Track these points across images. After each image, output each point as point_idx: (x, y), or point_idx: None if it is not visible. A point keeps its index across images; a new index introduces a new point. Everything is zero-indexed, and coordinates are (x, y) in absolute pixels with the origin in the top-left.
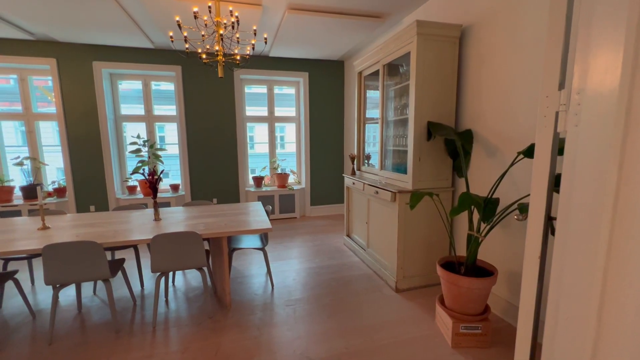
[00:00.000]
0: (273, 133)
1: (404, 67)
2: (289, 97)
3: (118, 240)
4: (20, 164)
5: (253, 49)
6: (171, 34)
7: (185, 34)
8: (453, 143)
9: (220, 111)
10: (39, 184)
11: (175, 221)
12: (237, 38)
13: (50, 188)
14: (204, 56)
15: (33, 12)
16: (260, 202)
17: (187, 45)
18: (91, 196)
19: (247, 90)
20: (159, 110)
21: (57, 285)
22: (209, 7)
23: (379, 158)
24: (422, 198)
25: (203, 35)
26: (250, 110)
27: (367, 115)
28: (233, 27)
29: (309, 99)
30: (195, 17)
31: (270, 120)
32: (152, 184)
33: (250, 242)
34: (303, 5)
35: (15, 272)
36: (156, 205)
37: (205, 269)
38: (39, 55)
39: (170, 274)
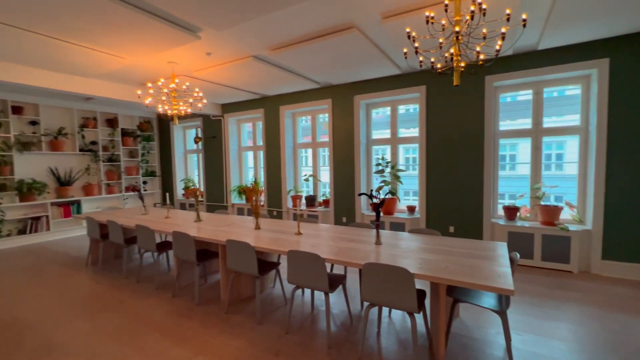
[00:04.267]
0: (539, 150)
1: None
2: (568, 100)
3: (335, 258)
4: (307, 180)
5: (503, 39)
6: (405, 50)
7: (416, 44)
8: None
9: (466, 127)
10: (314, 195)
11: (394, 249)
12: (483, 33)
13: (321, 199)
14: (438, 65)
15: (321, 70)
16: (505, 245)
17: (421, 59)
18: (344, 209)
19: (502, 100)
20: (403, 132)
21: (295, 285)
22: (446, 6)
23: None
24: None
25: (441, 43)
26: (507, 125)
27: None
28: (472, 18)
29: (610, 98)
30: (427, 21)
31: (536, 133)
32: (375, 205)
33: (482, 297)
34: None
35: (279, 263)
36: (378, 229)
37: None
38: (322, 98)
39: None
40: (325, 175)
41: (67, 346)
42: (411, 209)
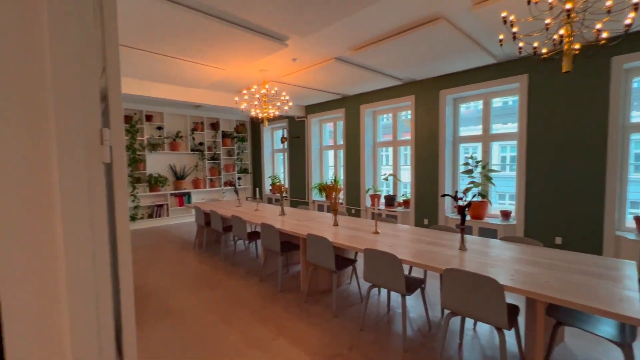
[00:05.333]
0: None
1: None
2: None
3: (414, 260)
4: (386, 179)
5: (636, 9)
6: (501, 37)
7: (515, 29)
8: None
9: (581, 120)
10: (394, 195)
11: (481, 257)
12: (608, 6)
13: (401, 199)
14: (543, 50)
15: (404, 66)
16: (635, 265)
17: (521, 45)
18: (426, 210)
19: (638, 84)
20: (497, 128)
21: (371, 284)
22: None
23: None
24: None
25: (547, 24)
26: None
27: None
28: None
29: None
30: (529, 1)
31: None
32: (460, 208)
33: (596, 323)
34: None
35: (355, 260)
36: (463, 234)
37: (506, 330)
38: (404, 95)
39: None
40: (406, 175)
41: (179, 313)
42: (505, 215)
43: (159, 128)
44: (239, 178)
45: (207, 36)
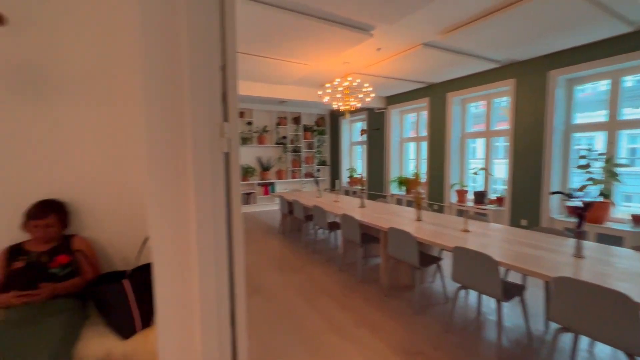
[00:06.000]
0: None
1: None
2: None
3: (513, 263)
4: (475, 173)
5: None
6: None
7: None
8: None
9: None
10: (484, 191)
11: (606, 267)
12: None
13: (493, 196)
14: None
15: (504, 46)
16: None
17: None
18: (525, 210)
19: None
20: (630, 113)
21: (460, 285)
22: None
23: None
24: None
25: None
26: None
27: None
28: None
29: None
30: None
31: None
32: (576, 209)
33: None
34: None
35: (441, 259)
36: (580, 239)
37: None
38: (501, 79)
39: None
40: (500, 169)
41: (268, 290)
42: (637, 220)
43: (249, 123)
44: (318, 170)
45: (297, 34)
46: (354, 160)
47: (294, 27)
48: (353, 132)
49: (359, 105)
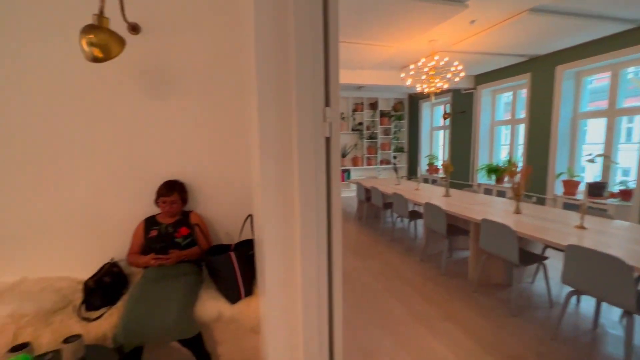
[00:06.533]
0: None
1: None
2: None
3: None
4: (591, 161)
5: None
6: None
7: None
8: None
9: None
10: (603, 182)
11: None
12: None
13: (615, 189)
14: None
15: None
16: None
17: None
18: None
19: None
20: None
21: (573, 289)
22: None
23: None
24: None
25: None
26: None
27: None
28: None
29: None
30: None
31: None
32: None
33: None
34: None
35: (546, 258)
36: None
37: None
38: (637, 42)
39: None
40: (627, 156)
41: (348, 274)
42: None
43: None
44: (395, 157)
45: (385, 14)
46: (434, 146)
47: (381, 8)
48: (434, 116)
49: (445, 86)
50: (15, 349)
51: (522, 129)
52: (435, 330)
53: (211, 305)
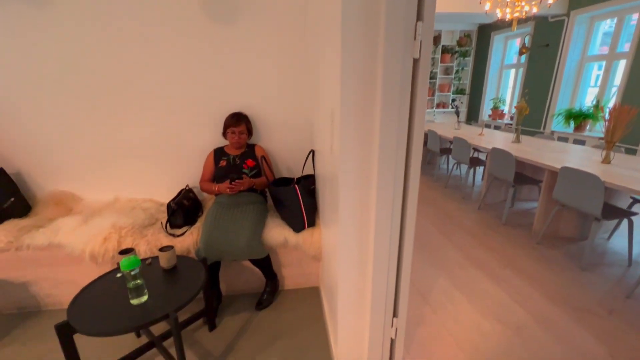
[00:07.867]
0: None
1: None
2: None
3: None
4: None
5: None
6: None
7: None
8: None
9: None
10: None
11: None
12: None
13: None
14: None
15: None
16: None
17: None
18: None
19: None
20: None
21: None
22: None
23: None
24: None
25: None
26: None
27: None
28: None
29: None
30: None
31: None
32: None
33: None
34: None
35: (635, 213)
36: None
37: None
38: None
39: None
40: None
41: None
42: None
43: None
44: (453, 100)
45: None
46: (502, 88)
47: None
48: (508, 52)
49: (534, 9)
50: (123, 252)
51: (621, 66)
52: (494, 276)
53: (278, 232)
